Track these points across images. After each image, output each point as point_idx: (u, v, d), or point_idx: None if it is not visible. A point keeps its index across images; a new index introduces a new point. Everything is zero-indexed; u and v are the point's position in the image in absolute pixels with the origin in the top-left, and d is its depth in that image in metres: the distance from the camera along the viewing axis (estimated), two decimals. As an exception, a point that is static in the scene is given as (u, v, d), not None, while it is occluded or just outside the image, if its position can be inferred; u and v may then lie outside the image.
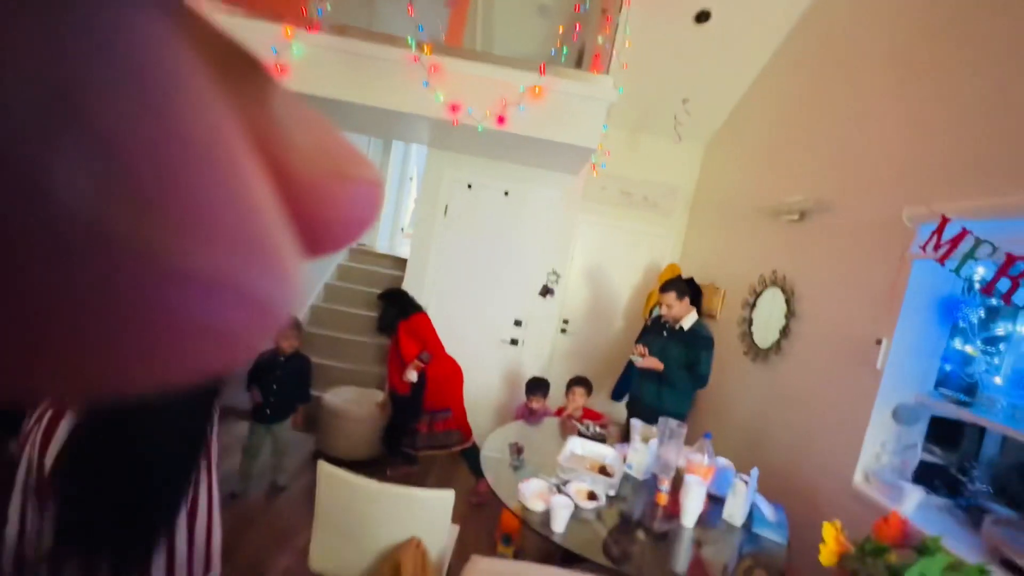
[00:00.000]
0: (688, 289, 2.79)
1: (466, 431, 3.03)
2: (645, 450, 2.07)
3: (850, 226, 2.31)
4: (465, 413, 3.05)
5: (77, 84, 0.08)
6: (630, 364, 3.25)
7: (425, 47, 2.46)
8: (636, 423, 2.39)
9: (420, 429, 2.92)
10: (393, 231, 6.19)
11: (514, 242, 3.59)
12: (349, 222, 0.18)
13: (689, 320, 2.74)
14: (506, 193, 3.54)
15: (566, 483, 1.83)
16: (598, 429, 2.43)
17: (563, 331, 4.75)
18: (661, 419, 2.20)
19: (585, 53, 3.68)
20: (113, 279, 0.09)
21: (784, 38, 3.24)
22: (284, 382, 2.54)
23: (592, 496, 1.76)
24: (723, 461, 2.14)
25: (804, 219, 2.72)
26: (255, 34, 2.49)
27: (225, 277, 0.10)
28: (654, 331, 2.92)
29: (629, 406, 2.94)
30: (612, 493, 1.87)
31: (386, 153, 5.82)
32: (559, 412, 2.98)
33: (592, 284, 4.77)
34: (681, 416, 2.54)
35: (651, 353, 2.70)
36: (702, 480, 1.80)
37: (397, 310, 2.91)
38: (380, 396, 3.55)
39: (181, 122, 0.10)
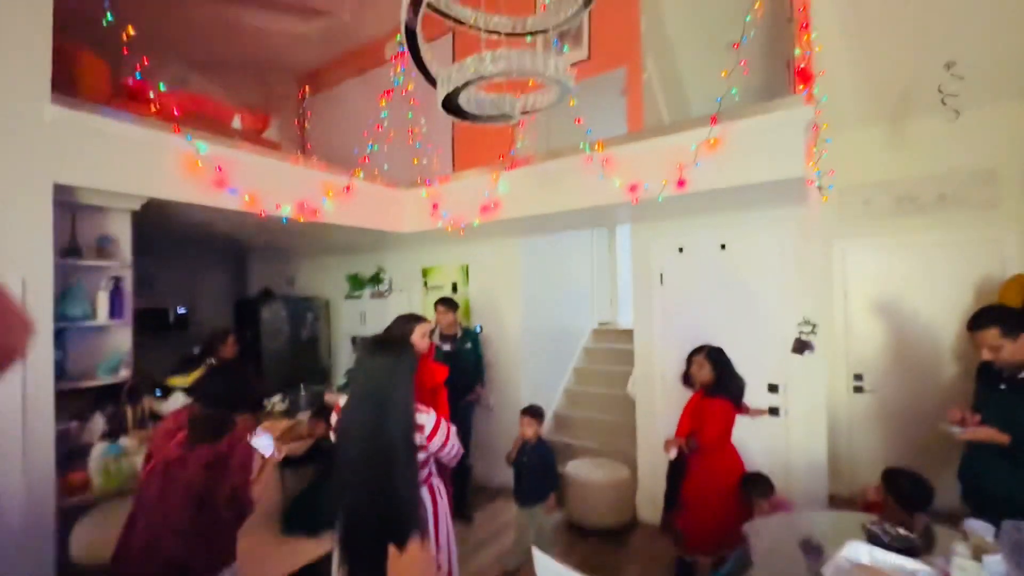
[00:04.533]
0: (1025, 318, 1.88)
1: (691, 542, 2.51)
2: (978, 571, 1.40)
3: None
4: (710, 523, 2.45)
5: None
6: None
7: (596, 146, 2.69)
8: (972, 525, 1.65)
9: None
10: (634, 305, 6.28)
11: (744, 298, 3.18)
12: None
13: (1048, 363, 1.82)
14: (722, 247, 3.25)
15: (834, 607, 1.40)
16: (901, 532, 1.77)
17: (857, 389, 3.72)
18: (1007, 525, 1.49)
19: (789, 74, 3.25)
20: None
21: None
22: (531, 467, 2.83)
23: (878, 632, 1.29)
24: None
25: None
26: (473, 187, 3.24)
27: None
28: (988, 382, 2.04)
29: (966, 497, 2.04)
30: (922, 633, 1.32)
31: (612, 234, 6.16)
32: (869, 506, 2.10)
33: (889, 323, 3.68)
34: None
35: (987, 417, 1.88)
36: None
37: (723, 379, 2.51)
38: (624, 470, 3.50)
39: None
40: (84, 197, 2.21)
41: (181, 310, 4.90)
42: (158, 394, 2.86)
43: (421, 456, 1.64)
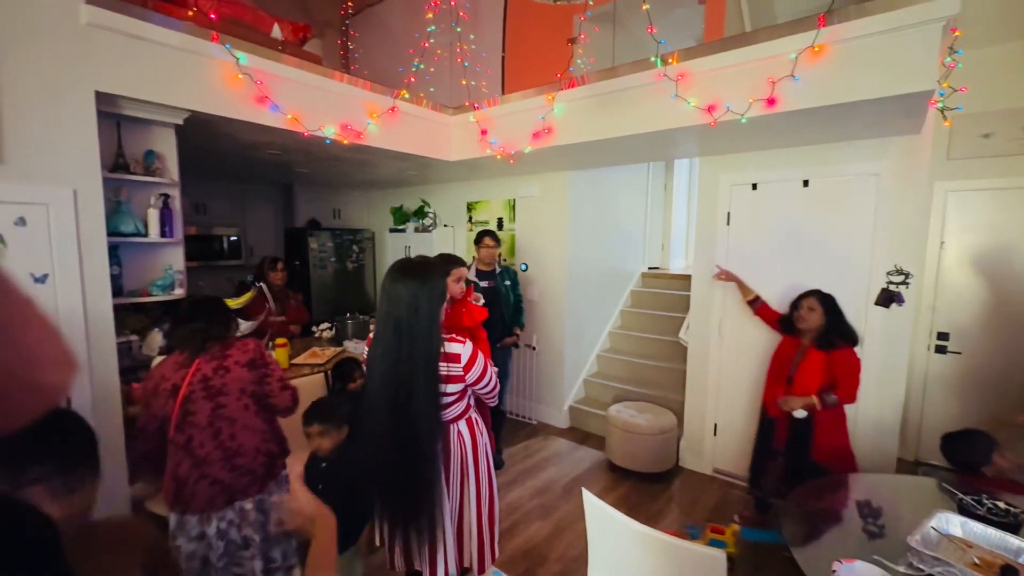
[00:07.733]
0: None
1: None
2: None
3: None
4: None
5: None
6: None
7: (669, 59, 2.33)
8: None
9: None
10: (687, 250, 5.93)
11: (824, 242, 2.84)
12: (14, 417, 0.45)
13: None
14: (805, 183, 2.87)
15: (923, 580, 1.26)
16: (1001, 504, 1.57)
17: (939, 350, 3.37)
18: None
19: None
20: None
21: None
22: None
23: (978, 613, 1.14)
24: None
25: None
26: (525, 110, 2.96)
27: (47, 382, 0.46)
28: None
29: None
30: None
31: (668, 174, 5.70)
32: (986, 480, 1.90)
33: (990, 277, 3.23)
34: None
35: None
36: None
37: (839, 325, 2.39)
38: (668, 416, 3.36)
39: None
40: (126, 108, 2.14)
41: (233, 238, 5.01)
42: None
43: (458, 387, 1.56)
